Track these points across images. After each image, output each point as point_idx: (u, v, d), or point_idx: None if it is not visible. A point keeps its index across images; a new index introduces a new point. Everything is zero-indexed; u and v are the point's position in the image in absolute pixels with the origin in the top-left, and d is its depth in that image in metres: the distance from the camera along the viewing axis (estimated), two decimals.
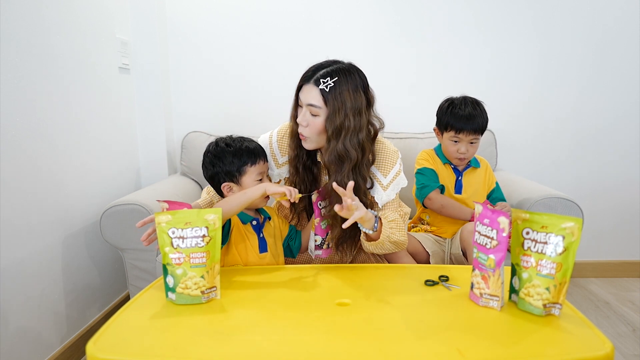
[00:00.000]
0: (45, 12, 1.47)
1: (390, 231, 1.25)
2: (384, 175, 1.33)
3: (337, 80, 1.20)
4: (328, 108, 1.20)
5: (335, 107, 1.19)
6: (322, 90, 1.20)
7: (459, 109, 1.52)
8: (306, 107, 1.23)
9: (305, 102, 1.23)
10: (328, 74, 1.21)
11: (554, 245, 0.86)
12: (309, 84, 1.22)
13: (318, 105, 1.21)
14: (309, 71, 1.25)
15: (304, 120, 1.23)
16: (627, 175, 2.34)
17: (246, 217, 1.26)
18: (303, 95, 1.24)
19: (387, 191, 1.32)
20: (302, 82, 1.25)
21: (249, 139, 1.28)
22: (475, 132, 1.52)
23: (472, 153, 1.57)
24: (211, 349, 0.79)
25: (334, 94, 1.19)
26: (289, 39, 2.21)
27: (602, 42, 2.24)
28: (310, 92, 1.22)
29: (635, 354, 1.66)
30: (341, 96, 1.19)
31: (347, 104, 1.20)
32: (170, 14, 2.18)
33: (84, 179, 1.68)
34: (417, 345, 0.79)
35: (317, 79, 1.21)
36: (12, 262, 1.32)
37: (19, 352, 1.34)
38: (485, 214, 0.92)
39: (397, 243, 1.28)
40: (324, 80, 1.20)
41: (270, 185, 1.10)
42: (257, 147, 1.26)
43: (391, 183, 1.33)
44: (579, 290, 2.23)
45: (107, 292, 1.86)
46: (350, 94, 1.21)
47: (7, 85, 1.29)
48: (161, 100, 2.12)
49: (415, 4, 2.21)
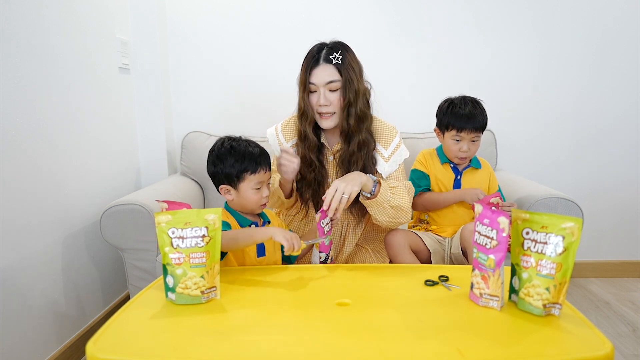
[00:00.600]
0: (45, 12, 1.47)
1: (390, 195, 1.31)
2: (385, 148, 1.42)
3: (342, 52, 1.33)
4: (343, 79, 1.32)
5: (349, 75, 1.32)
6: (337, 64, 1.32)
7: (459, 108, 1.53)
8: (324, 87, 1.33)
9: (323, 82, 1.32)
10: (333, 49, 1.33)
11: (554, 246, 0.86)
12: (321, 65, 1.32)
13: (337, 79, 1.32)
14: (314, 54, 1.34)
15: (326, 100, 1.32)
16: (627, 175, 2.34)
17: (245, 221, 1.24)
18: (317, 77, 1.33)
19: (389, 162, 1.41)
20: (312, 65, 1.33)
21: (255, 144, 1.24)
22: (476, 130, 1.53)
23: (474, 151, 1.58)
24: (211, 349, 0.79)
25: (345, 64, 1.32)
26: (289, 39, 2.20)
27: (602, 42, 2.24)
28: (325, 71, 1.32)
29: (635, 354, 1.66)
30: (350, 64, 1.33)
31: (356, 70, 1.34)
32: (170, 14, 2.19)
33: (84, 179, 1.68)
34: (417, 345, 0.79)
35: (326, 57, 1.32)
36: (12, 262, 1.32)
37: (19, 352, 1.34)
38: (485, 214, 0.92)
39: (398, 208, 1.33)
40: (332, 56, 1.32)
41: (277, 233, 1.08)
42: (260, 154, 1.22)
43: (392, 154, 1.41)
44: (579, 290, 2.23)
45: (107, 292, 1.86)
46: (354, 60, 1.36)
47: (7, 85, 1.29)
48: (161, 100, 2.12)
49: (415, 4, 2.21)
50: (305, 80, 1.35)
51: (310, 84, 1.34)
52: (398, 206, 1.33)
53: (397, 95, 2.25)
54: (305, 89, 1.35)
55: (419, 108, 2.22)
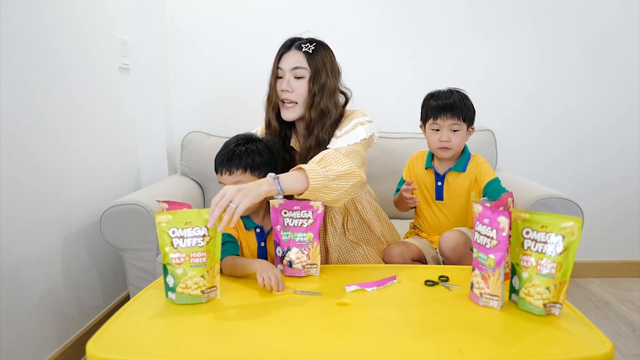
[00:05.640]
0: (45, 12, 1.47)
1: (322, 171, 1.10)
2: (340, 130, 1.35)
3: (317, 45, 1.34)
4: (311, 69, 1.32)
5: (319, 67, 1.32)
6: (306, 52, 1.32)
7: (437, 97, 1.49)
8: (290, 73, 1.33)
9: (289, 67, 1.33)
10: (308, 40, 1.35)
11: (554, 245, 0.86)
12: (291, 51, 1.34)
13: (303, 66, 1.32)
14: (287, 42, 1.36)
15: (288, 86, 1.32)
16: (627, 175, 2.34)
17: (250, 223, 1.24)
18: (285, 62, 1.34)
19: (338, 140, 1.31)
20: (283, 51, 1.35)
21: (243, 143, 1.23)
22: (454, 117, 1.43)
23: (457, 142, 1.45)
24: (211, 349, 0.79)
25: (315, 56, 1.32)
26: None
27: (602, 41, 2.24)
28: (294, 57, 1.33)
29: (635, 354, 1.66)
30: (322, 58, 1.33)
31: (327, 65, 1.34)
32: (170, 13, 2.18)
33: (84, 178, 1.68)
34: (417, 345, 0.79)
35: (298, 45, 1.34)
36: (12, 262, 1.32)
37: (19, 352, 1.34)
38: (485, 213, 0.92)
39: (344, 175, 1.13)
40: (305, 45, 1.33)
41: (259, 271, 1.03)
42: (240, 156, 1.19)
43: (345, 134, 1.32)
44: (579, 290, 2.23)
45: (107, 292, 1.86)
46: (328, 57, 1.35)
47: (7, 85, 1.29)
48: (161, 100, 2.12)
49: (415, 4, 2.21)
50: (274, 66, 1.37)
51: (278, 69, 1.35)
52: (342, 173, 1.13)
53: (396, 95, 2.25)
54: (273, 74, 1.37)
55: (418, 108, 2.22)
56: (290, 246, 1.12)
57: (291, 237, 1.12)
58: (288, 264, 1.12)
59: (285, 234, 1.12)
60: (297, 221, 1.12)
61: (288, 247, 1.12)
